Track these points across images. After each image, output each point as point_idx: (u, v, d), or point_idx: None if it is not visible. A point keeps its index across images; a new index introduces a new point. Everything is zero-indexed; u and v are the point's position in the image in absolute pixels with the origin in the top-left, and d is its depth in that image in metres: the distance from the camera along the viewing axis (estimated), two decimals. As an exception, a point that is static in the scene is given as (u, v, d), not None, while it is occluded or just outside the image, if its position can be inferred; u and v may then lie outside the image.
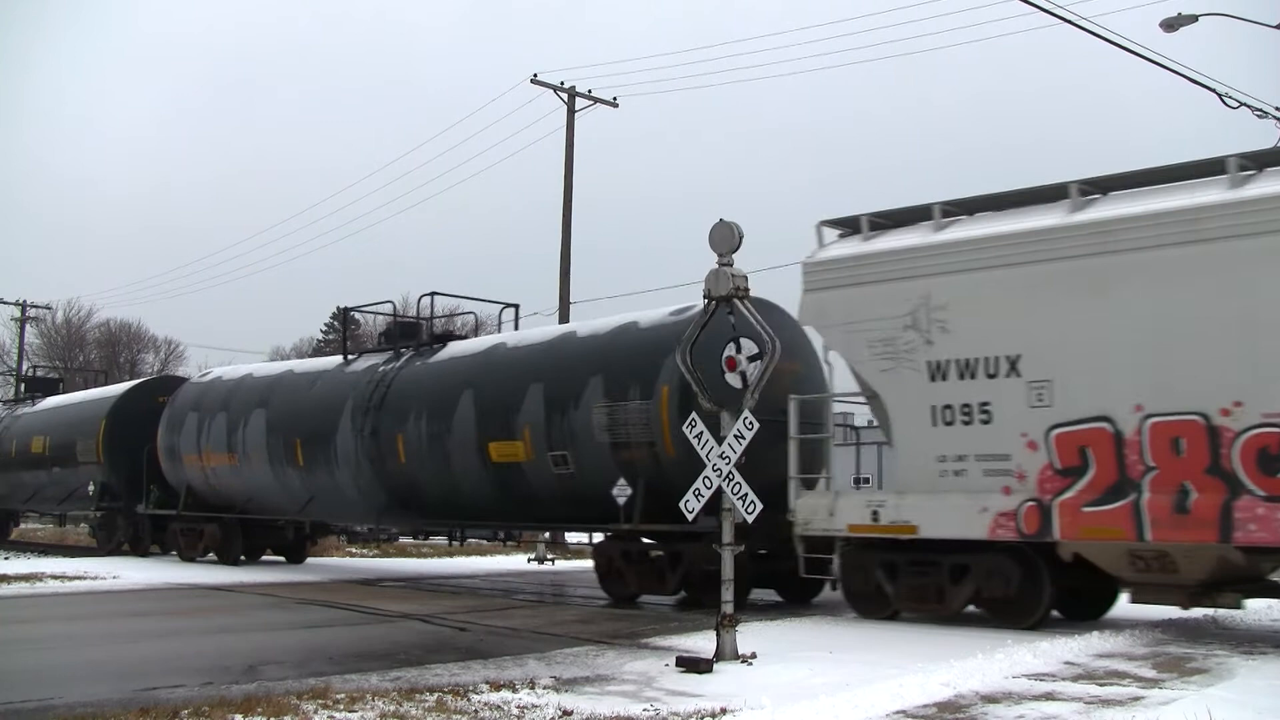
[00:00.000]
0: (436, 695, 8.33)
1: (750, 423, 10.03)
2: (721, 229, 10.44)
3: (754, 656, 9.94)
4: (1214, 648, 10.79)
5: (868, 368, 13.56)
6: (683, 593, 15.62)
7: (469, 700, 8.17)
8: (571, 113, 32.55)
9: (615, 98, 33.15)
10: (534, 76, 32.02)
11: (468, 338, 20.58)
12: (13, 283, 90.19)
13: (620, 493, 15.29)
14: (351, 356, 21.54)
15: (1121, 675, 9.20)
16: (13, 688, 8.76)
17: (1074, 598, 13.23)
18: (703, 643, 10.64)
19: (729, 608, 10.07)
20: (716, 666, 9.59)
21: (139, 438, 25.87)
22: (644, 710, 7.90)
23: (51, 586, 18.39)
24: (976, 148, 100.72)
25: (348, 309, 22.81)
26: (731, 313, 10.63)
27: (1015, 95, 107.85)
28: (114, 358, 71.57)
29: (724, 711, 7.77)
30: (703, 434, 10.34)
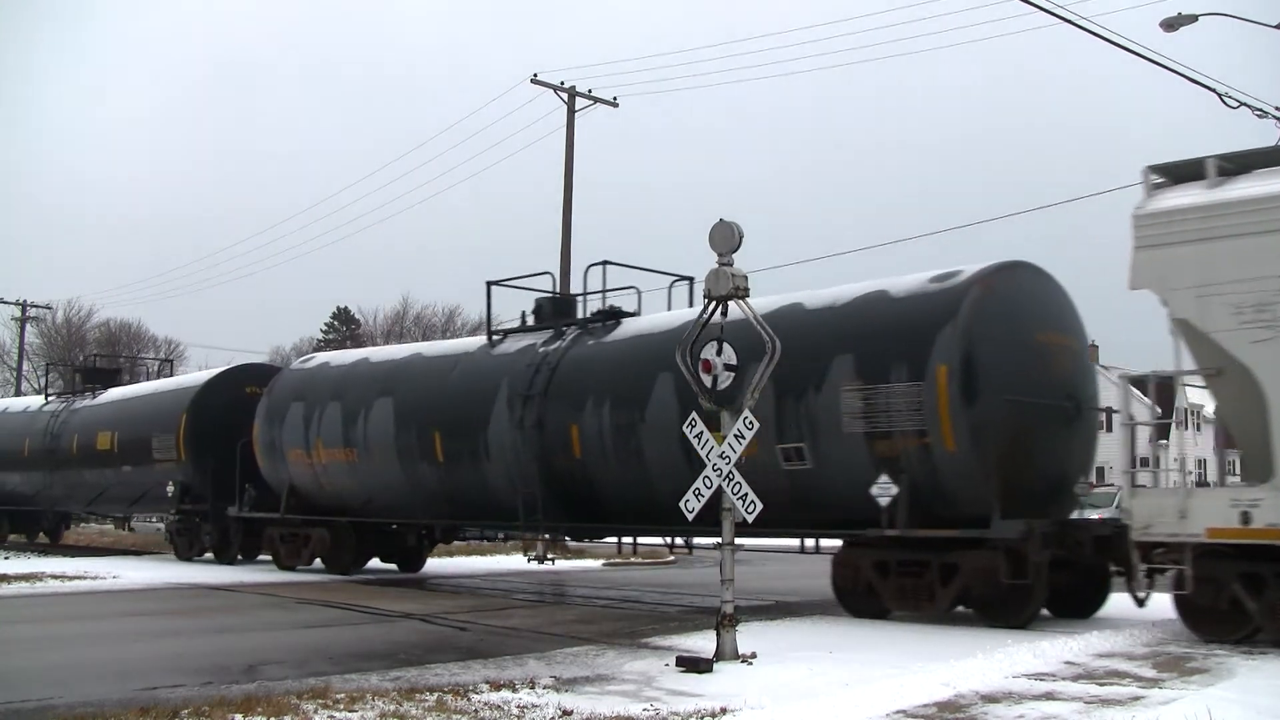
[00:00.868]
0: (436, 695, 8.33)
1: (750, 422, 10.03)
2: (722, 229, 10.45)
3: (754, 656, 9.94)
4: (1214, 648, 10.79)
5: (1233, 338, 11.29)
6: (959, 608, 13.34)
7: (469, 700, 8.17)
8: (571, 112, 32.53)
9: (615, 97, 33.15)
10: (534, 76, 32.02)
11: (636, 314, 17.52)
12: (13, 283, 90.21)
13: (882, 492, 12.96)
14: (497, 336, 18.71)
15: (1121, 675, 9.19)
16: (13, 688, 8.77)
17: None
18: (703, 643, 10.64)
19: (729, 607, 10.07)
20: (716, 666, 9.59)
21: (223, 432, 23.26)
22: (644, 710, 7.90)
23: (51, 586, 18.39)
24: (977, 147, 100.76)
25: (494, 281, 18.87)
26: (724, 313, 10.62)
27: (1015, 94, 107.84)
28: (114, 358, 71.52)
29: (724, 711, 7.77)
30: (702, 433, 10.34)
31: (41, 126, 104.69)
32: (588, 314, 17.71)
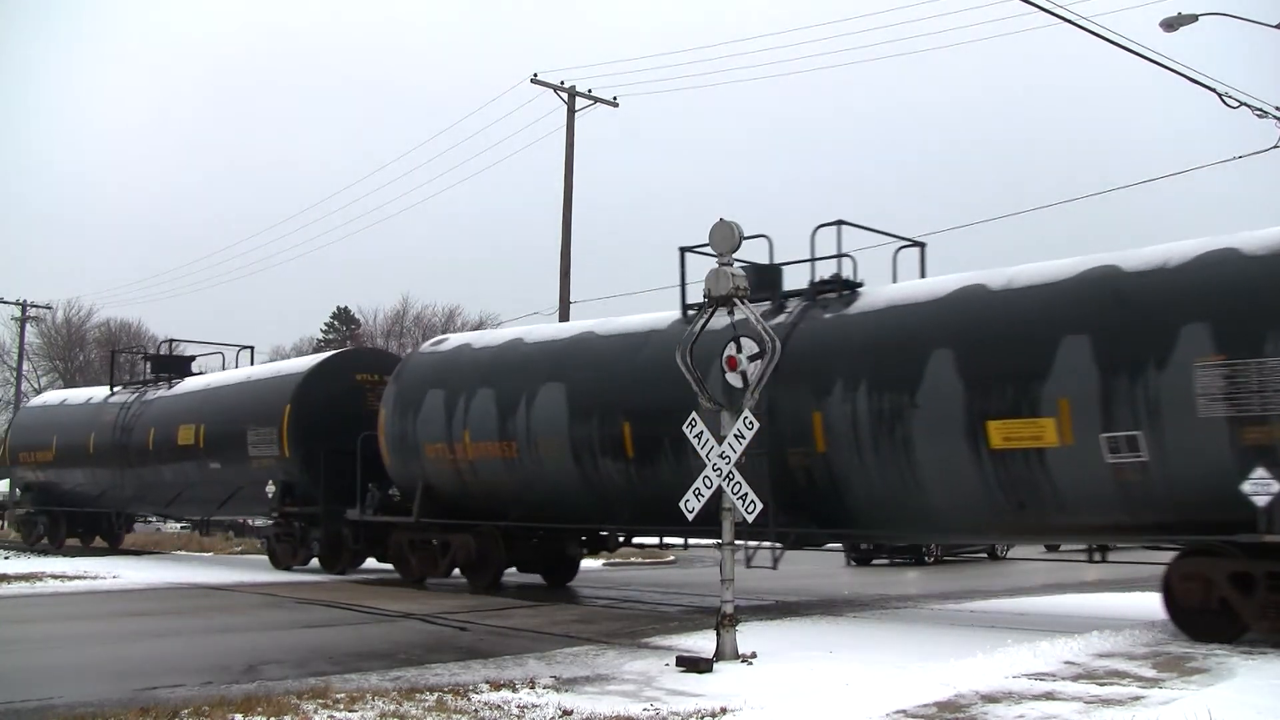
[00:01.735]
0: (436, 695, 8.34)
1: (750, 422, 10.04)
2: (722, 229, 10.46)
3: (754, 656, 9.94)
4: (1214, 648, 10.78)
5: None
6: None
7: (469, 700, 8.18)
8: (571, 112, 32.54)
9: (615, 97, 33.14)
10: (534, 76, 32.00)
11: (861, 285, 14.81)
12: (13, 283, 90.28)
13: (1259, 489, 10.88)
14: (692, 311, 15.50)
15: (1121, 675, 9.19)
16: (13, 687, 8.77)
17: None
18: (703, 642, 10.65)
19: (729, 607, 10.08)
20: (716, 666, 9.59)
21: (332, 425, 20.66)
22: (644, 710, 7.91)
23: (51, 586, 18.41)
24: (976, 146, 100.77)
25: (688, 248, 16.10)
26: (731, 312, 10.65)
27: (1015, 94, 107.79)
28: (114, 358, 71.56)
29: (724, 711, 7.77)
30: (702, 433, 10.35)
31: (41, 126, 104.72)
32: (838, 281, 14.77)
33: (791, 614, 14.31)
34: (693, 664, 9.54)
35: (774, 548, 14.33)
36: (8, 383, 65.13)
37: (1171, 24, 20.34)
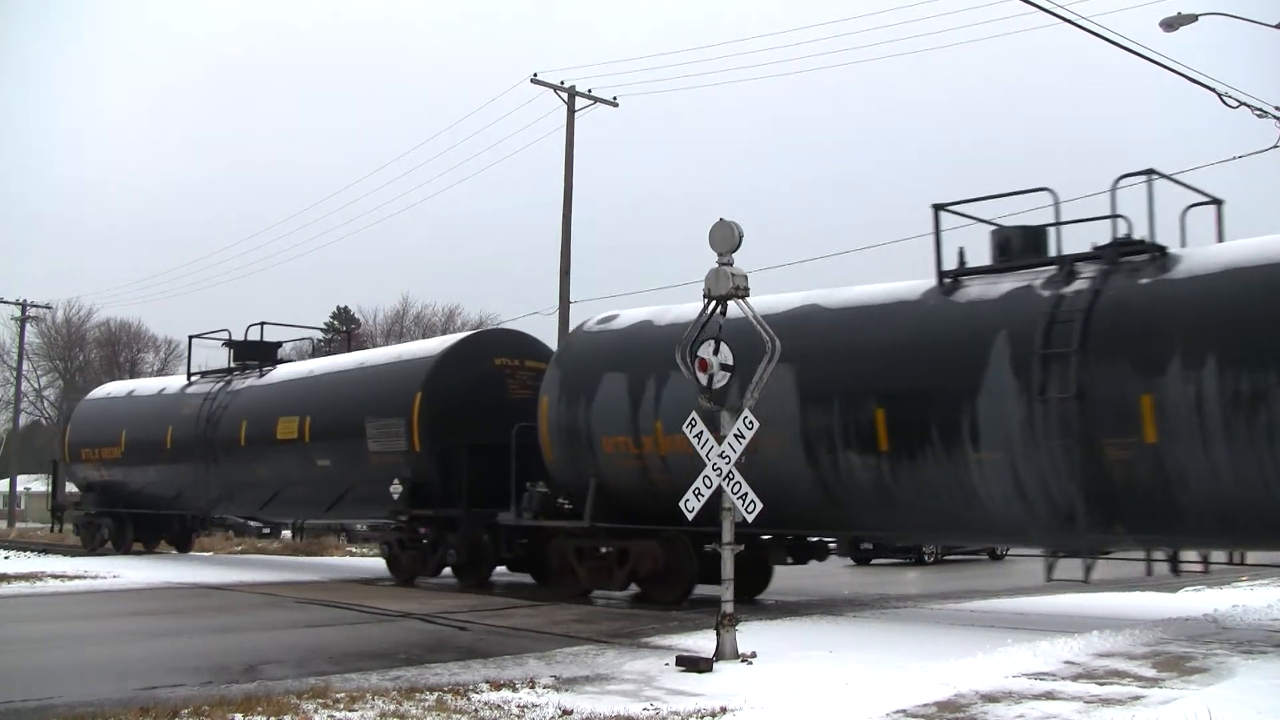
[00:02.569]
0: (436, 694, 8.33)
1: (750, 422, 10.03)
2: (721, 228, 10.45)
3: (754, 656, 9.94)
4: (1214, 648, 10.79)
5: None
6: None
7: (469, 699, 8.17)
8: (571, 112, 32.54)
9: (615, 97, 33.16)
10: (534, 76, 32.02)
11: (1144, 245, 12.50)
12: (13, 283, 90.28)
13: None
14: (947, 279, 13.60)
15: (1121, 675, 9.19)
16: (13, 687, 8.77)
17: None
18: (703, 642, 10.64)
19: (729, 607, 10.07)
20: (716, 666, 9.59)
21: (467, 415, 18.22)
22: (644, 709, 7.90)
23: (51, 586, 18.41)
24: (976, 147, 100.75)
25: (942, 206, 13.78)
26: (722, 313, 10.62)
27: (1014, 94, 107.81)
28: (114, 357, 71.64)
29: (724, 711, 7.77)
30: (702, 433, 10.34)
31: (41, 126, 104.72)
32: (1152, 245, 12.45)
33: (791, 614, 14.30)
34: (693, 664, 9.54)
35: (1085, 561, 12.60)
36: (8, 383, 65.19)
37: (1171, 24, 20.33)
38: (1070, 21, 16.85)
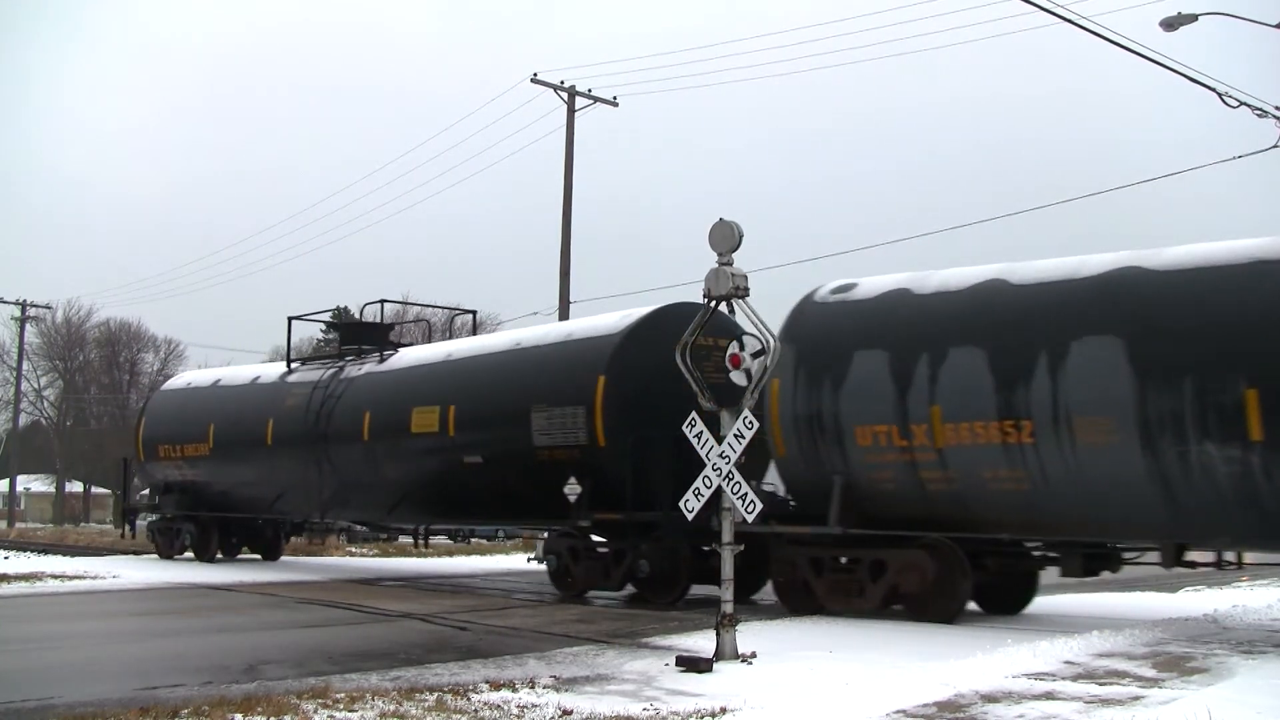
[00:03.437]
0: (436, 695, 8.33)
1: (750, 422, 10.03)
2: (721, 228, 10.45)
3: (754, 656, 9.94)
4: (1214, 648, 10.79)
5: None
6: None
7: (469, 699, 8.17)
8: (571, 112, 32.51)
9: (615, 97, 33.11)
10: (534, 76, 31.97)
11: None
12: (13, 283, 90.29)
13: None
14: None
15: (1121, 675, 9.19)
16: (13, 687, 8.76)
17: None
18: (703, 642, 10.64)
19: (729, 607, 10.07)
20: (716, 666, 9.59)
21: (659, 404, 14.35)
22: (644, 709, 7.90)
23: (51, 586, 18.39)
24: (976, 147, 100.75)
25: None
26: (733, 311, 10.63)
27: (1015, 94, 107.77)
28: (114, 357, 71.62)
29: (724, 711, 7.77)
30: (702, 433, 10.34)
31: (42, 126, 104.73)
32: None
33: (791, 614, 14.28)
34: (692, 664, 9.53)
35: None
36: (8, 383, 65.16)
37: (1171, 24, 20.32)
38: (1071, 22, 16.84)
